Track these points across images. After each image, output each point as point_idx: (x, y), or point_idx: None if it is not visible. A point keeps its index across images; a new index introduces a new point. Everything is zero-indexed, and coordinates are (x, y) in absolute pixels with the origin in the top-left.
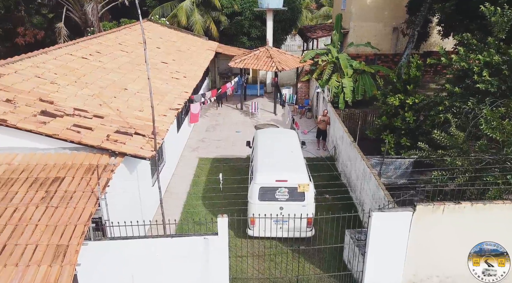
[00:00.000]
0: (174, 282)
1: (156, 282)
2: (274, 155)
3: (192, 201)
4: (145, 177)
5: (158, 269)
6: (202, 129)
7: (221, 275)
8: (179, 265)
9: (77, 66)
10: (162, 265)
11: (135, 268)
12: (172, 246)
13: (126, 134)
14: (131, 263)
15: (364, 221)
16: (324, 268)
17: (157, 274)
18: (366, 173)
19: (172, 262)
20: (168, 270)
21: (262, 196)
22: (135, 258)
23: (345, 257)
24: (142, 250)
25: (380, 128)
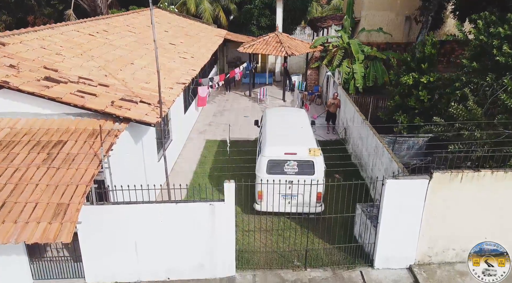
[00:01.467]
0: (179, 250)
1: (160, 250)
2: (283, 129)
3: (198, 179)
4: (151, 151)
5: (162, 236)
6: (210, 113)
7: (227, 244)
8: (183, 232)
9: (83, 41)
10: (166, 232)
11: (138, 235)
12: (176, 212)
13: (131, 102)
14: (134, 229)
15: (376, 198)
16: (334, 242)
17: (161, 241)
18: (379, 149)
19: (177, 229)
20: (172, 238)
21: (270, 170)
22: (138, 224)
23: (356, 232)
24: (146, 216)
25: (393, 109)
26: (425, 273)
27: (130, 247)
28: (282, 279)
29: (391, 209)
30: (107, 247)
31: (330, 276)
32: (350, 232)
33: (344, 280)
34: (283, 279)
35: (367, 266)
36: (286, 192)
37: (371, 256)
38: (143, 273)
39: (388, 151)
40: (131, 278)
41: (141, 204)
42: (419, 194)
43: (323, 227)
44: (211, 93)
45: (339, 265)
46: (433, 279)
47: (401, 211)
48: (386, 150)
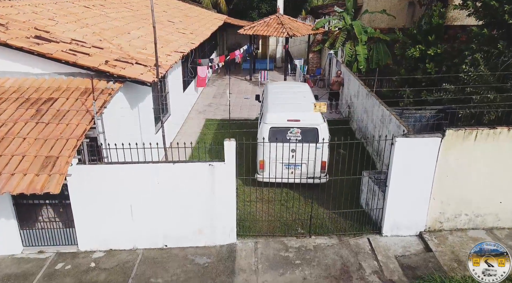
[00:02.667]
0: (176, 215)
1: (156, 215)
2: (285, 98)
3: (197, 153)
4: (148, 122)
5: (159, 199)
6: (209, 96)
7: (228, 208)
8: (181, 195)
9: (77, 11)
10: (163, 195)
11: (133, 198)
12: (174, 173)
13: (126, 62)
14: (130, 192)
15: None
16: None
17: (157, 205)
18: (385, 117)
19: (174, 192)
20: (170, 201)
21: (272, 137)
22: (133, 186)
23: (363, 201)
24: (141, 177)
25: (398, 85)
26: (436, 239)
27: (125, 211)
28: (286, 246)
29: (401, 170)
30: (101, 212)
31: (336, 243)
32: (356, 202)
33: (350, 247)
34: (286, 246)
35: (374, 233)
36: (289, 161)
37: (378, 223)
38: (139, 240)
39: (395, 117)
40: (127, 245)
41: (136, 164)
42: (430, 153)
43: (328, 196)
44: (210, 77)
45: (345, 233)
46: (444, 245)
47: (411, 173)
48: (393, 117)
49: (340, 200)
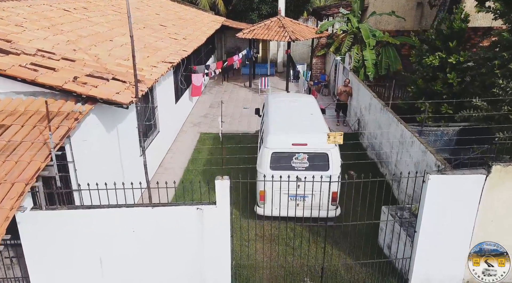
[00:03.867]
0: (157, 268)
1: (132, 268)
2: (289, 116)
3: (189, 176)
4: (131, 143)
5: (135, 250)
6: (206, 105)
7: (220, 260)
8: (163, 245)
9: (54, 15)
10: (141, 245)
11: (104, 249)
12: (153, 219)
13: (101, 78)
14: (99, 242)
15: (401, 200)
16: (355, 254)
17: (133, 256)
18: (406, 139)
19: (154, 242)
20: (149, 252)
21: (274, 164)
22: (103, 235)
23: (382, 241)
24: (113, 224)
25: (414, 96)
26: None
27: (93, 265)
28: None
29: (434, 213)
30: (63, 266)
31: None
32: (373, 241)
33: None
34: None
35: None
36: (295, 192)
37: (405, 275)
38: None
39: (419, 140)
40: None
41: (105, 208)
42: (472, 193)
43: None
44: (207, 84)
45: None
46: None
47: (447, 217)
48: (417, 140)
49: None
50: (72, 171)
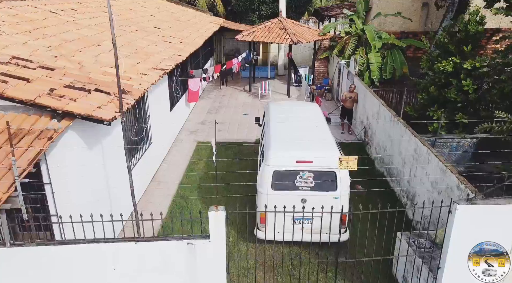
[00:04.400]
0: None
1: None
2: (292, 128)
3: (184, 192)
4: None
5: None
6: (203, 110)
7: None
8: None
9: (38, 17)
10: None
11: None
12: (137, 255)
13: (81, 90)
14: (74, 281)
15: (416, 221)
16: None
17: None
18: (422, 154)
19: (138, 281)
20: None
21: (276, 184)
22: (79, 274)
23: (396, 272)
24: (90, 261)
25: (425, 103)
26: None
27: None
28: None
29: (461, 247)
30: None
31: None
32: (387, 269)
33: None
34: None
35: None
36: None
37: None
38: None
39: (438, 158)
40: None
41: (81, 244)
42: (506, 226)
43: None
44: (205, 88)
45: None
46: None
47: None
48: (435, 157)
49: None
50: (50, 194)
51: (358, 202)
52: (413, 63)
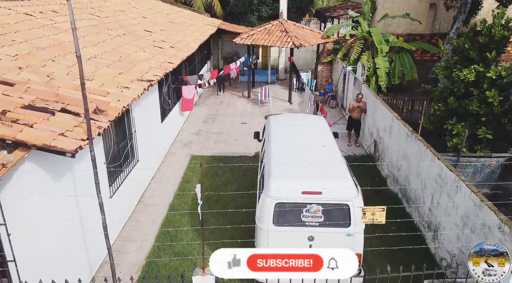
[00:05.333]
0: None
1: None
2: (297, 150)
3: (174, 217)
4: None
5: None
6: (199, 119)
7: None
8: None
9: (10, 21)
10: None
11: None
12: None
13: (42, 111)
14: None
15: (441, 257)
16: None
17: None
18: (448, 181)
19: None
20: None
21: (279, 218)
22: None
23: None
24: None
25: (442, 115)
26: None
27: None
28: None
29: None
30: None
31: None
32: None
33: None
34: None
35: None
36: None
37: None
38: None
39: (471, 189)
40: None
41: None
42: None
43: None
44: (201, 94)
45: None
46: None
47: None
48: (467, 188)
49: None
50: (5, 236)
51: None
52: (420, 67)
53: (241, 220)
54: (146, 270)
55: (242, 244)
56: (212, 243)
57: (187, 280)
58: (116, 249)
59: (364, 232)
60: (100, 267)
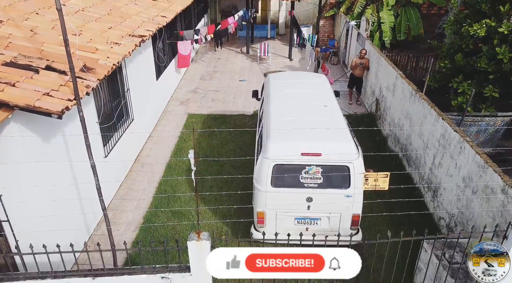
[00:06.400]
0: None
1: None
2: (297, 110)
3: (171, 176)
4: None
5: None
6: (196, 77)
7: None
8: None
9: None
10: None
11: None
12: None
13: (26, 68)
14: None
15: (439, 216)
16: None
17: None
18: (452, 142)
19: None
20: None
21: (277, 180)
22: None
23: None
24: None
25: (448, 72)
26: None
27: None
28: None
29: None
30: None
31: None
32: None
33: None
34: None
35: None
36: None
37: None
38: None
39: (476, 151)
40: None
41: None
42: None
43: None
44: (198, 50)
45: None
46: None
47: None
48: (472, 149)
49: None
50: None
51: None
52: (426, 22)
53: (239, 180)
54: (144, 229)
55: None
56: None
57: (182, 245)
58: (113, 207)
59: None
60: (97, 226)
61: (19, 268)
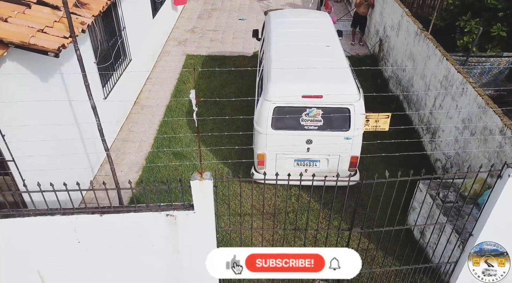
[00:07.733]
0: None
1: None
2: (298, 51)
3: (172, 117)
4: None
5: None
6: (193, 15)
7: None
8: (121, 261)
9: None
10: (90, 260)
11: (42, 262)
12: (104, 229)
13: (16, 3)
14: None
15: (436, 158)
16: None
17: (81, 273)
18: (454, 83)
19: (108, 257)
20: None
21: (277, 122)
22: (40, 247)
23: (413, 222)
24: (51, 234)
25: (456, 10)
26: None
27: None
28: None
29: (504, 219)
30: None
31: None
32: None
33: None
34: None
35: None
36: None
37: (446, 279)
38: None
39: (478, 92)
40: None
41: (30, 217)
42: None
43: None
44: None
45: None
46: None
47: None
48: (474, 90)
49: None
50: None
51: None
52: None
53: (239, 122)
54: (147, 170)
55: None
56: (210, 143)
57: (185, 185)
58: (116, 149)
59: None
60: (101, 167)
61: (27, 206)
